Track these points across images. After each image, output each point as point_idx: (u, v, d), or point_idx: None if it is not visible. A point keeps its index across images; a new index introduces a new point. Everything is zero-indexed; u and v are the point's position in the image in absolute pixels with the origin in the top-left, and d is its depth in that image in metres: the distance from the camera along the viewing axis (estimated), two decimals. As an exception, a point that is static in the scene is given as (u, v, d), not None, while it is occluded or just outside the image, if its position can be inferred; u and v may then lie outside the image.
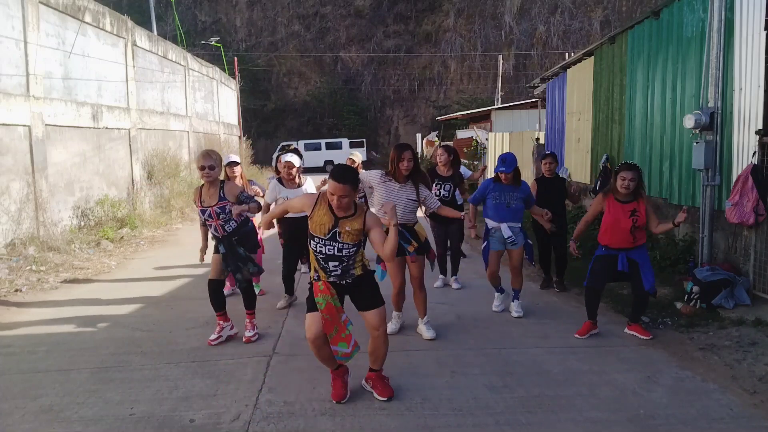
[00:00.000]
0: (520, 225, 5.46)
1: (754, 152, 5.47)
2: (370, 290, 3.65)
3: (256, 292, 6.39)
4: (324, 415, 3.51)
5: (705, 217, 6.12)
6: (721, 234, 6.07)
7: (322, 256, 3.49)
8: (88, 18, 11.14)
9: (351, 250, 3.49)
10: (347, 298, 3.69)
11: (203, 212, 4.67)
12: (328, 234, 3.44)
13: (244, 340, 4.82)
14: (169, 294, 6.64)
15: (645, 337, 4.77)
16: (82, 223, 10.37)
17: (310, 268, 3.77)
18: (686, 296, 5.54)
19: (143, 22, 18.09)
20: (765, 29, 5.37)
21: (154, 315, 5.76)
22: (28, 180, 8.96)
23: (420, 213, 5.05)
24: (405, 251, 4.70)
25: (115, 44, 12.49)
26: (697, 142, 6.12)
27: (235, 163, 6.27)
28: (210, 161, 4.58)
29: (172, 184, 13.78)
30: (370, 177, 4.80)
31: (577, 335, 4.85)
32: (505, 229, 5.36)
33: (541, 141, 13.99)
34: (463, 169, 6.96)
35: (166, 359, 4.48)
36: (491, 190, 5.42)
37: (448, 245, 6.66)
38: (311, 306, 3.55)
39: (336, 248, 3.46)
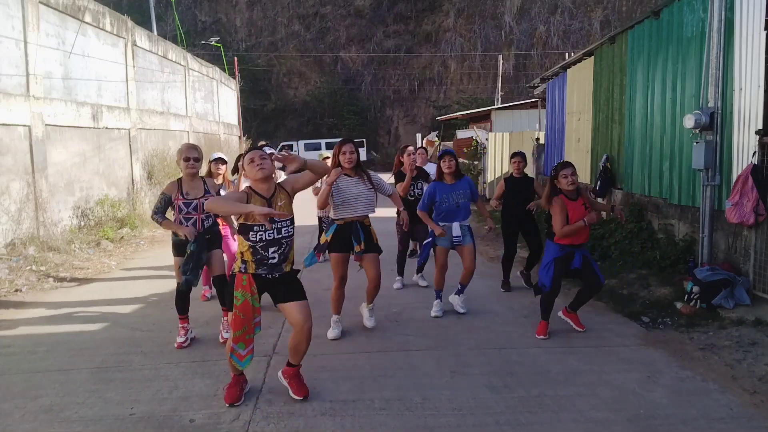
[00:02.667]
0: (468, 224, 5.50)
1: (754, 152, 5.47)
2: (295, 285, 3.62)
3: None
4: (324, 415, 3.51)
5: (705, 217, 6.12)
6: (721, 234, 6.07)
7: (262, 244, 3.46)
8: (88, 18, 11.14)
9: (289, 228, 3.53)
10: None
11: (187, 205, 4.62)
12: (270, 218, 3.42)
13: (221, 340, 4.79)
14: (169, 294, 6.63)
15: (579, 329, 4.92)
16: (82, 223, 10.37)
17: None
18: (686, 296, 5.54)
19: (143, 22, 18.08)
20: (765, 29, 5.37)
21: (154, 315, 5.76)
22: (28, 180, 8.96)
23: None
24: (351, 249, 4.74)
25: (115, 44, 12.49)
26: (697, 142, 6.12)
27: (223, 161, 6.25)
28: (195, 153, 4.66)
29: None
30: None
31: (538, 335, 4.85)
32: (455, 228, 5.37)
33: (541, 141, 14.00)
34: (429, 168, 7.00)
35: (166, 359, 4.48)
36: (438, 192, 5.40)
37: (410, 245, 6.68)
38: (230, 305, 3.51)
39: (276, 230, 3.46)
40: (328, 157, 7.51)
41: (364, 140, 36.02)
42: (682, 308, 5.42)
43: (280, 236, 3.49)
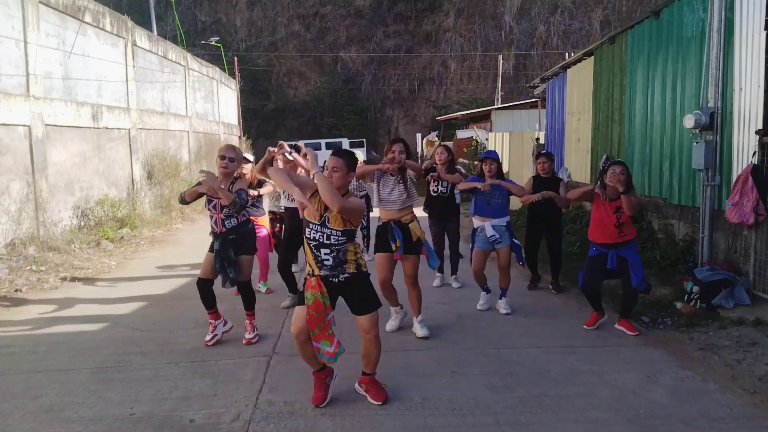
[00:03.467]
0: (505, 223, 5.48)
1: (754, 152, 5.47)
2: (364, 293, 3.62)
3: (263, 290, 6.43)
4: (324, 415, 3.51)
5: (705, 217, 6.12)
6: (721, 234, 6.07)
7: (314, 243, 3.50)
8: (88, 18, 11.14)
9: (340, 238, 3.50)
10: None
11: (209, 201, 4.67)
12: (320, 218, 3.48)
13: (244, 342, 4.79)
14: (169, 294, 6.64)
15: (632, 333, 4.87)
16: (82, 223, 10.37)
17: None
18: (686, 296, 5.54)
19: (143, 22, 18.08)
20: (765, 29, 5.36)
21: (154, 315, 5.76)
22: (28, 180, 8.96)
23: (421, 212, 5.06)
24: (390, 248, 4.73)
25: (115, 44, 12.49)
26: (697, 142, 6.12)
27: (246, 160, 6.31)
28: (232, 154, 4.66)
29: (172, 184, 13.78)
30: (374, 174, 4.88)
31: (585, 326, 4.99)
32: (488, 228, 5.40)
33: (541, 141, 13.99)
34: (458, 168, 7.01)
35: (166, 359, 4.48)
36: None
37: (446, 244, 6.68)
38: (301, 301, 3.55)
39: (325, 235, 3.48)
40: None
41: (364, 140, 36.01)
42: (682, 308, 5.42)
43: (329, 242, 3.49)
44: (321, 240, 3.48)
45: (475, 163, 17.62)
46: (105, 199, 11.07)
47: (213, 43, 30.18)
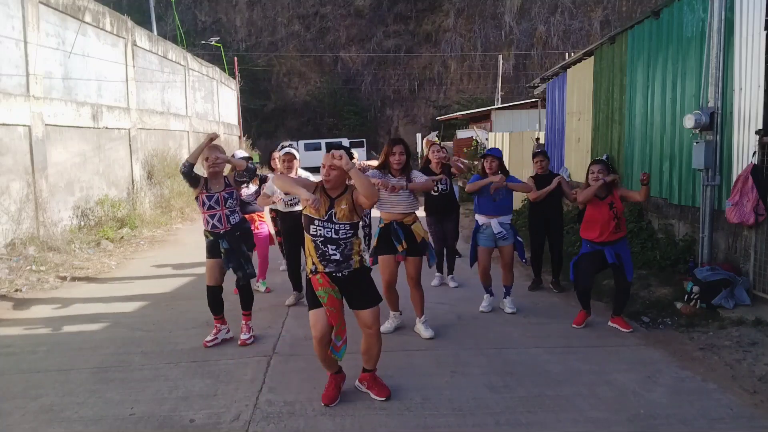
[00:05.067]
0: (510, 221, 5.49)
1: (754, 152, 5.47)
2: (366, 287, 3.65)
3: (262, 290, 6.44)
4: (324, 415, 3.51)
5: (705, 217, 6.12)
6: (721, 234, 6.07)
7: (321, 239, 3.50)
8: (88, 18, 11.14)
9: (348, 232, 3.52)
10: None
11: (210, 198, 4.63)
12: (326, 215, 3.49)
13: (239, 343, 4.76)
14: (169, 294, 6.64)
15: (626, 330, 4.92)
16: (82, 223, 10.37)
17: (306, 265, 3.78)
18: (686, 296, 5.54)
19: (143, 22, 18.08)
20: (765, 29, 5.36)
21: (154, 315, 5.76)
22: (28, 180, 8.96)
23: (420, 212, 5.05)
24: (395, 250, 4.71)
25: (115, 44, 12.49)
26: (697, 142, 6.12)
27: (247, 159, 6.33)
28: (216, 154, 4.67)
29: (172, 184, 13.78)
30: (373, 174, 4.85)
31: (574, 325, 5.01)
32: (495, 225, 5.41)
33: (541, 141, 13.99)
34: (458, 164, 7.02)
35: (166, 359, 4.48)
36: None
37: (446, 242, 6.68)
38: (313, 303, 3.54)
39: (333, 230, 3.49)
40: (354, 156, 7.45)
41: (364, 140, 36.00)
42: (682, 308, 5.42)
43: (337, 237, 3.50)
44: (329, 235, 3.48)
45: (475, 162, 17.63)
46: (105, 199, 11.07)
47: (213, 43, 30.18)
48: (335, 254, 3.50)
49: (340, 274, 3.55)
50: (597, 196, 4.88)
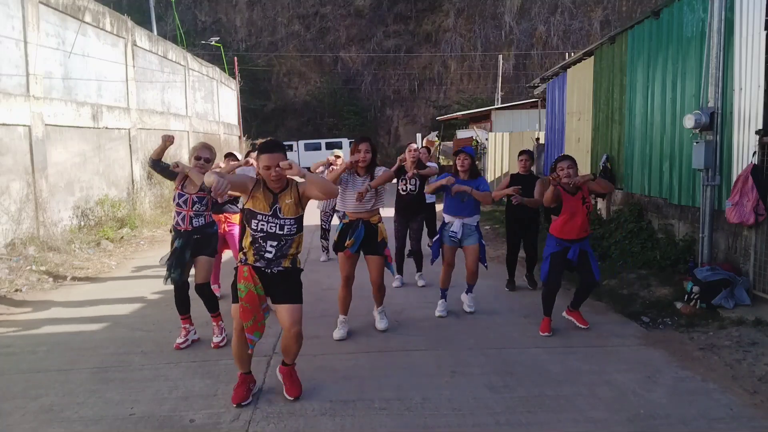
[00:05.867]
0: (476, 223, 5.44)
1: (754, 152, 5.47)
2: (291, 285, 3.61)
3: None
4: (324, 415, 3.51)
5: (705, 217, 6.12)
6: (721, 234, 6.07)
7: (261, 234, 3.48)
8: (88, 18, 11.14)
9: (292, 227, 3.52)
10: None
11: (180, 196, 4.66)
12: (270, 210, 3.47)
13: (212, 346, 4.73)
14: (169, 294, 6.62)
15: (583, 326, 4.94)
16: (82, 223, 10.37)
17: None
18: (686, 296, 5.54)
19: (143, 22, 18.08)
20: (765, 29, 5.37)
21: (154, 315, 5.76)
22: (28, 180, 8.96)
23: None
24: (342, 246, 4.73)
25: (115, 44, 12.49)
26: (697, 142, 6.12)
27: (235, 157, 6.33)
28: (207, 154, 4.70)
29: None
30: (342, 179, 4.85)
31: (541, 332, 4.90)
32: (456, 225, 5.33)
33: (541, 141, 14.00)
34: (429, 164, 7.08)
35: (166, 359, 4.48)
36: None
37: (405, 241, 6.74)
38: (235, 296, 3.54)
39: (278, 225, 3.48)
40: (339, 156, 7.58)
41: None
42: (682, 308, 5.42)
43: (282, 232, 3.49)
44: (272, 231, 3.47)
45: (475, 162, 17.65)
46: (105, 199, 11.08)
47: (213, 43, 30.17)
48: (270, 251, 3.49)
49: (269, 271, 3.54)
50: (568, 192, 4.82)
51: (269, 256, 3.51)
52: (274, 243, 3.50)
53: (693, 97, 6.55)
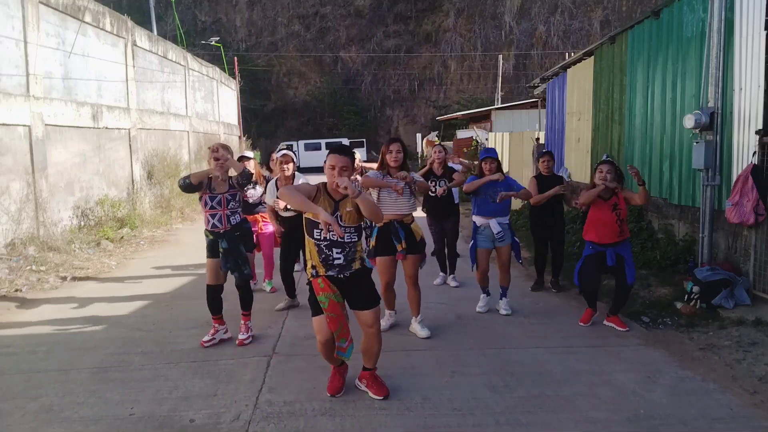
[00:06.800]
0: (507, 221, 5.51)
1: (754, 152, 5.47)
2: (367, 288, 3.65)
3: (268, 290, 6.46)
4: (324, 415, 3.51)
5: (705, 217, 6.12)
6: (721, 234, 6.07)
7: (326, 243, 3.46)
8: (88, 18, 11.14)
9: (353, 235, 3.51)
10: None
11: (212, 199, 4.65)
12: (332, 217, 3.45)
13: (237, 343, 4.76)
14: (169, 294, 6.64)
15: (622, 329, 4.95)
16: (82, 223, 10.37)
17: (305, 268, 3.76)
18: (686, 296, 5.54)
19: (143, 22, 18.08)
20: (765, 29, 5.36)
21: (154, 315, 5.76)
22: (28, 180, 8.96)
23: (418, 212, 5.06)
24: (394, 250, 4.72)
25: (115, 44, 12.49)
26: (697, 142, 6.12)
27: (246, 158, 6.36)
28: (225, 153, 4.69)
29: (172, 184, 13.79)
30: (373, 174, 4.87)
31: (581, 323, 5.04)
32: (494, 225, 5.41)
33: (541, 141, 13.99)
34: (452, 165, 7.07)
35: (166, 359, 4.48)
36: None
37: (446, 242, 6.69)
38: (316, 309, 3.54)
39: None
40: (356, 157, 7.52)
41: (364, 140, 36.00)
42: (682, 308, 5.42)
43: (342, 240, 3.47)
44: (335, 238, 3.45)
45: (475, 162, 17.64)
46: (105, 199, 11.07)
47: (213, 43, 30.19)
48: (339, 257, 3.49)
49: (342, 276, 3.55)
50: (601, 198, 4.90)
51: (339, 262, 3.51)
52: (339, 250, 3.49)
53: (693, 97, 6.55)
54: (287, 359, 4.44)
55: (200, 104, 19.66)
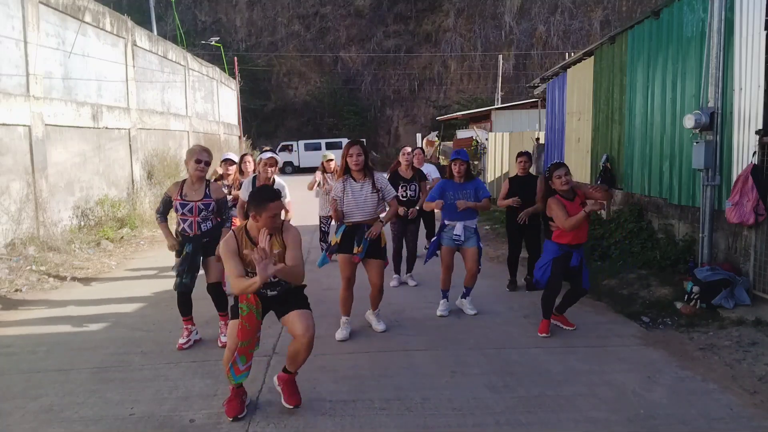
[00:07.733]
0: (475, 225, 5.50)
1: (754, 152, 5.47)
2: (297, 296, 3.59)
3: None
4: (324, 415, 3.51)
5: (705, 217, 6.12)
6: (721, 234, 6.07)
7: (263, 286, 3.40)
8: (88, 18, 11.14)
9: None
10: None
11: (183, 206, 4.62)
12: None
13: (219, 344, 4.74)
14: (169, 294, 6.63)
15: (570, 328, 4.96)
16: (82, 223, 10.37)
17: None
18: (686, 296, 5.54)
19: (143, 22, 18.08)
20: (765, 29, 5.36)
21: (154, 315, 5.76)
22: (28, 180, 8.96)
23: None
24: (351, 250, 4.74)
25: (115, 44, 12.49)
26: (697, 142, 6.12)
27: (232, 162, 6.33)
28: (207, 157, 4.67)
29: (171, 183, 13.80)
30: (336, 189, 4.85)
31: (540, 334, 4.87)
32: (458, 228, 5.38)
33: (541, 141, 14.00)
34: (426, 168, 7.11)
35: (166, 359, 4.48)
36: (446, 189, 5.46)
37: (405, 242, 6.80)
38: (234, 313, 3.48)
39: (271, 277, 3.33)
40: (331, 159, 7.72)
41: (364, 140, 35.89)
42: (682, 308, 5.42)
43: (276, 280, 3.47)
44: (270, 280, 3.42)
45: (475, 162, 17.62)
46: (105, 199, 11.08)
47: (213, 43, 30.20)
48: (274, 292, 3.54)
49: (270, 292, 3.54)
50: (566, 198, 4.79)
51: (273, 294, 3.54)
52: (273, 287, 3.51)
53: (693, 97, 6.55)
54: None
55: (200, 104, 19.66)
